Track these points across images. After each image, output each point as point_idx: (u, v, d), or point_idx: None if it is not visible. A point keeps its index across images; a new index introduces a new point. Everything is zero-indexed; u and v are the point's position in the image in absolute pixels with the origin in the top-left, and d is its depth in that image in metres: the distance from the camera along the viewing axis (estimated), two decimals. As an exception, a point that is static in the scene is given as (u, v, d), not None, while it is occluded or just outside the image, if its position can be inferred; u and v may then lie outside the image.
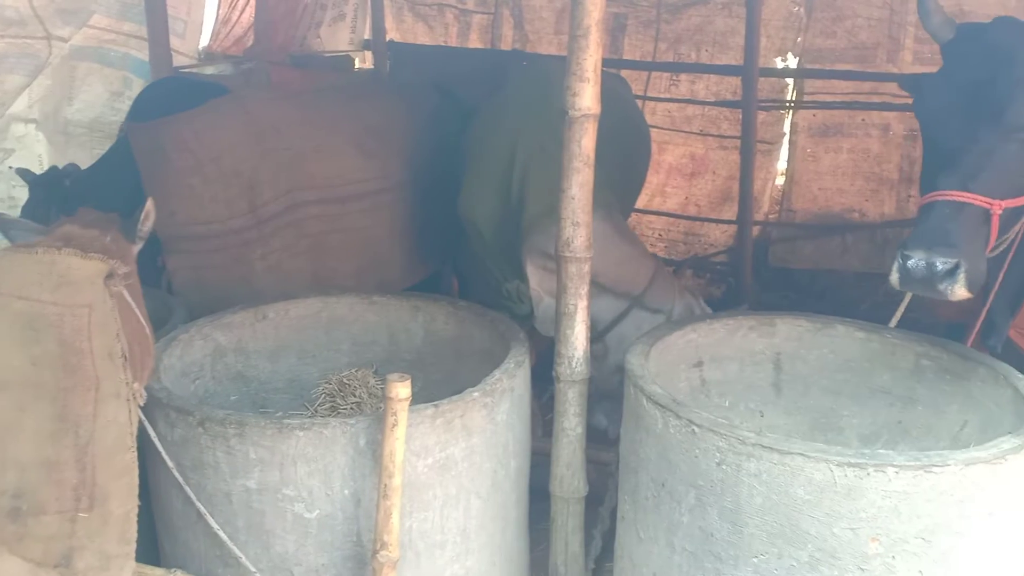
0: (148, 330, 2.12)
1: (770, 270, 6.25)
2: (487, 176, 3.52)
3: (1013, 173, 2.39)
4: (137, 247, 2.18)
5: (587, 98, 2.58)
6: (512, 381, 2.58)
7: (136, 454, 1.95)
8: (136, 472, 1.93)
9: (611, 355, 3.59)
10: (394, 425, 2.15)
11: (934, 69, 6.02)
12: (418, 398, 2.92)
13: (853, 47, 5.85)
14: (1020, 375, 2.52)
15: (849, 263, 6.09)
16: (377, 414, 2.28)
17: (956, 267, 2.26)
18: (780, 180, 6.38)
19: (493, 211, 3.50)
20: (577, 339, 2.75)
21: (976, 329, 2.82)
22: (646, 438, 2.40)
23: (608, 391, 3.52)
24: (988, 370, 2.58)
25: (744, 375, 3.01)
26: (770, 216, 6.36)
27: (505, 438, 2.57)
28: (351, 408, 2.88)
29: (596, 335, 3.50)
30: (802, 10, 5.95)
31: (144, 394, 2.06)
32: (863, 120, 5.92)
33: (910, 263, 2.29)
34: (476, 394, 2.44)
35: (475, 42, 6.75)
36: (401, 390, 2.15)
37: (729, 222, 6.22)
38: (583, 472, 2.83)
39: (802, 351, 2.96)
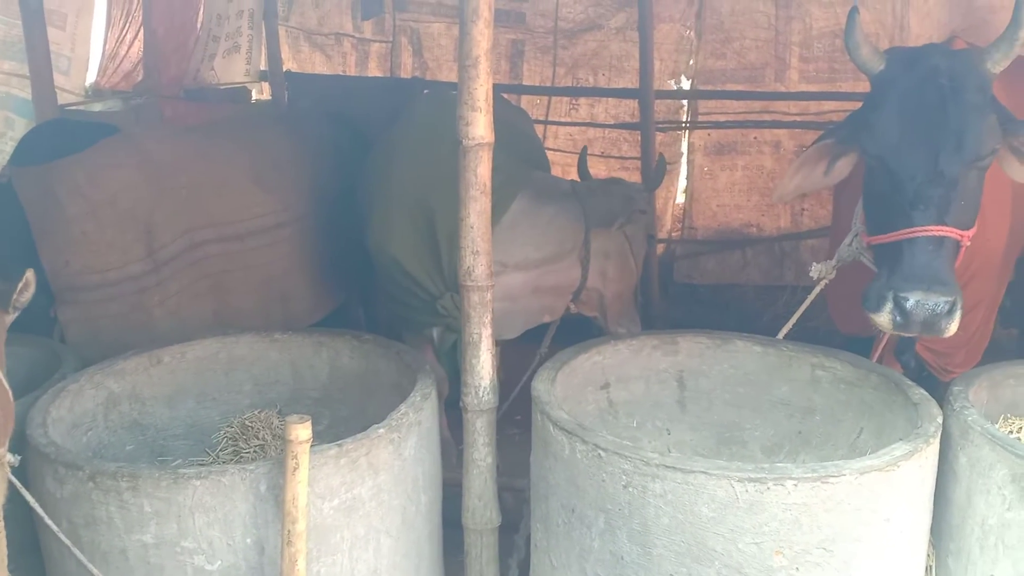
0: (10, 395, 2.02)
1: (676, 286, 6.38)
2: (397, 209, 3.45)
3: (974, 202, 2.45)
4: (11, 317, 2.08)
5: (480, 127, 2.58)
6: (419, 414, 2.55)
7: (3, 523, 1.84)
8: (3, 542, 1.82)
9: None
10: (295, 468, 2.10)
11: (820, 87, 6.29)
12: (325, 436, 2.90)
13: (742, 68, 6.04)
14: (910, 382, 2.61)
15: (750, 276, 6.26)
16: (278, 458, 2.22)
17: (954, 304, 2.30)
18: (681, 198, 6.53)
19: (409, 241, 3.43)
20: (483, 368, 2.74)
21: (883, 344, 2.91)
22: (554, 464, 2.40)
23: None
24: (880, 378, 2.67)
25: (650, 394, 3.04)
26: (673, 233, 6.49)
27: (414, 473, 2.54)
28: (255, 451, 2.80)
29: None
30: (692, 33, 6.12)
31: (14, 459, 1.96)
32: (755, 138, 6.12)
33: (909, 305, 2.29)
34: (381, 430, 2.40)
35: (374, 71, 6.72)
36: (301, 432, 2.10)
37: (634, 241, 6.33)
38: (495, 503, 2.81)
39: (704, 367, 3.01)
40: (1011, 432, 2.63)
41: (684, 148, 6.37)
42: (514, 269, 3.52)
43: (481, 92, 2.57)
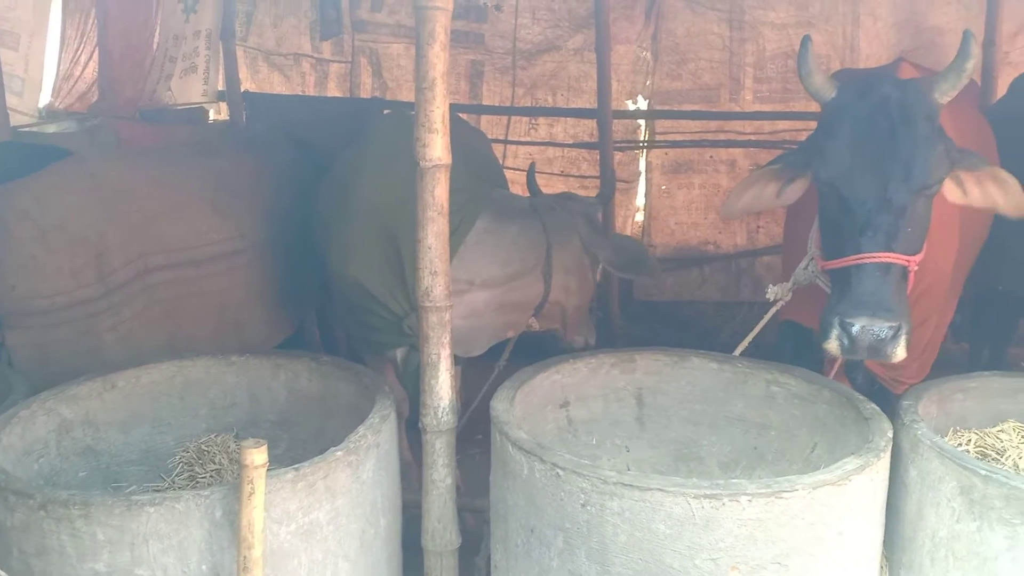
0: None
1: (636, 303, 6.44)
2: (358, 230, 3.43)
3: (921, 229, 2.51)
4: None
5: (437, 148, 2.60)
6: (377, 436, 2.54)
7: None
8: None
9: None
10: (251, 494, 2.08)
11: (773, 107, 6.42)
12: (283, 459, 2.87)
13: (698, 88, 6.15)
14: (862, 397, 2.66)
15: (708, 293, 6.35)
16: (234, 483, 2.19)
17: (899, 329, 2.36)
18: (640, 216, 6.59)
19: (371, 262, 3.42)
20: (442, 389, 2.74)
21: (838, 364, 2.97)
22: (513, 484, 2.41)
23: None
24: (832, 393, 2.72)
25: (609, 412, 3.06)
26: (632, 251, 6.55)
27: (373, 496, 2.53)
28: (211, 476, 2.76)
29: None
30: (649, 54, 6.21)
31: None
32: (711, 157, 6.21)
33: (855, 330, 2.35)
34: (339, 453, 2.39)
35: (334, 91, 6.72)
36: (257, 457, 2.08)
37: (594, 258, 6.39)
38: (455, 524, 2.80)
39: (662, 385, 3.04)
40: (960, 445, 2.68)
41: (642, 167, 6.45)
42: (480, 287, 3.54)
43: (437, 114, 2.59)
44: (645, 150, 6.40)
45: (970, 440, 2.72)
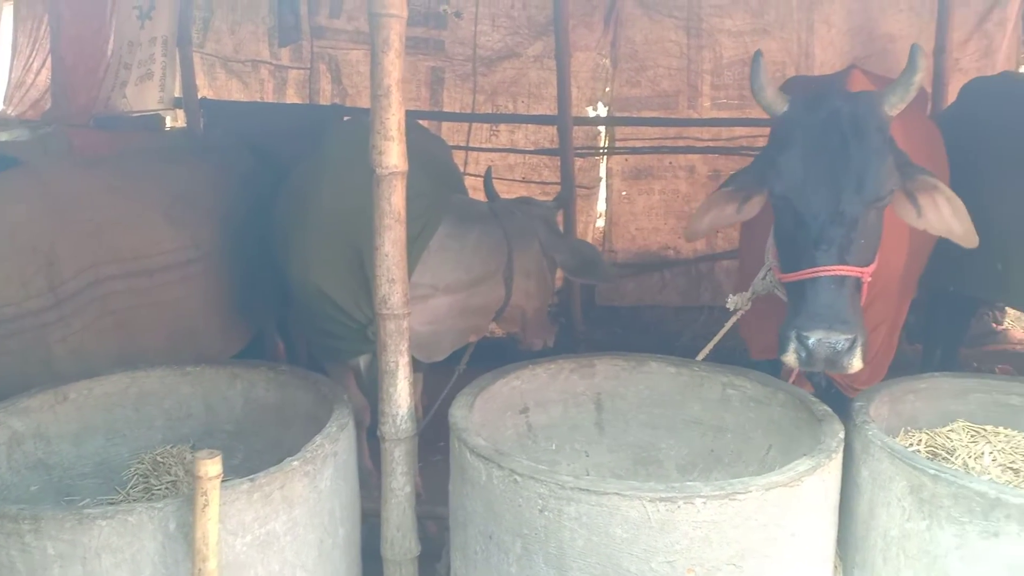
0: None
1: (598, 309, 6.47)
2: (318, 238, 3.40)
3: (874, 240, 2.55)
4: None
5: (393, 156, 2.60)
6: (335, 445, 2.53)
7: None
8: None
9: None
10: (205, 505, 2.06)
11: (730, 114, 6.50)
12: (240, 470, 2.85)
13: (657, 95, 6.21)
14: (814, 399, 2.70)
15: (669, 298, 6.40)
16: (188, 495, 2.17)
17: (855, 341, 2.40)
18: (600, 222, 6.63)
19: (333, 270, 3.40)
20: (400, 397, 2.74)
21: (796, 370, 3.01)
22: (472, 491, 2.41)
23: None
24: (787, 396, 2.76)
25: (568, 417, 3.08)
26: (594, 257, 6.58)
27: (331, 505, 2.51)
28: (166, 488, 2.73)
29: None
30: (608, 62, 6.27)
31: None
32: (671, 163, 6.28)
33: (811, 343, 2.39)
34: (296, 463, 2.37)
35: (293, 97, 6.68)
36: (211, 468, 2.06)
37: (556, 265, 6.42)
38: (414, 532, 2.79)
39: (621, 389, 3.06)
40: (910, 445, 2.73)
41: (602, 173, 6.50)
42: (444, 292, 3.54)
43: (393, 121, 2.59)
44: (605, 156, 6.45)
45: (921, 440, 2.77)
